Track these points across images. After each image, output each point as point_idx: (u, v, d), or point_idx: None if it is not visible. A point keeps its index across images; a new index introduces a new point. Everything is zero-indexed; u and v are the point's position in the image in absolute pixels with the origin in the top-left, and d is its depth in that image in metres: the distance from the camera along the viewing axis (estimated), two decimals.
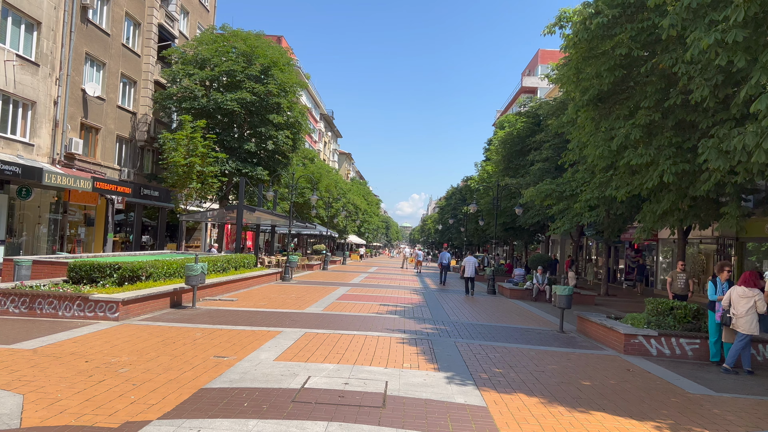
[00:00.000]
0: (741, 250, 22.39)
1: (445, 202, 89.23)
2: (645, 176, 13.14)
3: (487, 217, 39.06)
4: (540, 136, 28.95)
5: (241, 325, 11.57)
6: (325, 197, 43.89)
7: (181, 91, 27.58)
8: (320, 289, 21.15)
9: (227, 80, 28.10)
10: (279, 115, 28.40)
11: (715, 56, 9.10)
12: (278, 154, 29.72)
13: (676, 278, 15.66)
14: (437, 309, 17.08)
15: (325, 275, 30.59)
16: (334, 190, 47.44)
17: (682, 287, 15.49)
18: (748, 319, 9.85)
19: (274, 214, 26.17)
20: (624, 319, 12.44)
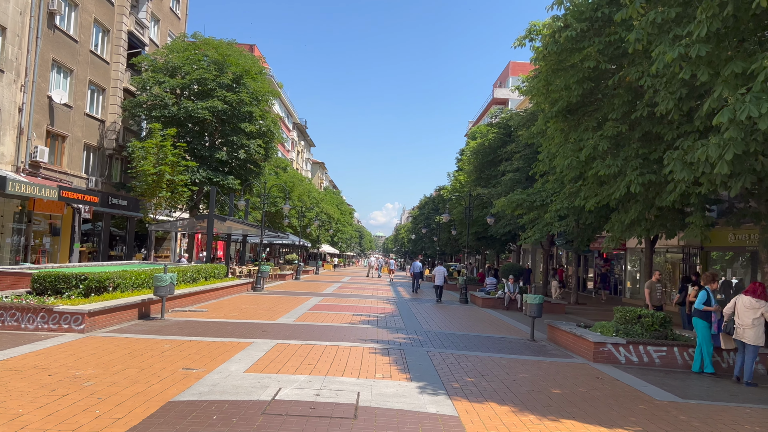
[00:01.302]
0: (706, 258, 22.94)
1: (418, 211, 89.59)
2: (613, 187, 13.39)
3: (459, 226, 39.34)
4: (511, 147, 29.33)
5: (211, 337, 11.39)
6: (298, 207, 43.67)
7: (151, 99, 27.23)
8: (292, 300, 20.99)
9: (198, 88, 27.84)
10: (251, 124, 28.22)
11: (680, 70, 9.35)
12: (250, 163, 29.51)
13: (654, 289, 15.88)
14: (410, 318, 17.08)
15: (298, 285, 30.37)
16: (307, 200, 47.23)
17: (659, 298, 15.77)
18: (756, 330, 9.77)
19: (246, 223, 25.94)
20: (593, 327, 12.61)
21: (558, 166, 15.40)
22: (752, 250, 19.66)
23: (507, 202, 21.95)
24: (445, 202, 46.27)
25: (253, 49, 54.75)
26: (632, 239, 19.40)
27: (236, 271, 28.21)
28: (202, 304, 17.38)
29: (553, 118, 14.94)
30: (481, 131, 38.34)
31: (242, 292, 22.80)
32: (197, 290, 17.46)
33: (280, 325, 13.84)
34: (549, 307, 21.26)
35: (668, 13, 9.45)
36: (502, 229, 29.47)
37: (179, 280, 17.56)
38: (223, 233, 31.45)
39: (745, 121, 7.83)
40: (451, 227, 43.21)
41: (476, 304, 23.54)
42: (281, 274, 34.65)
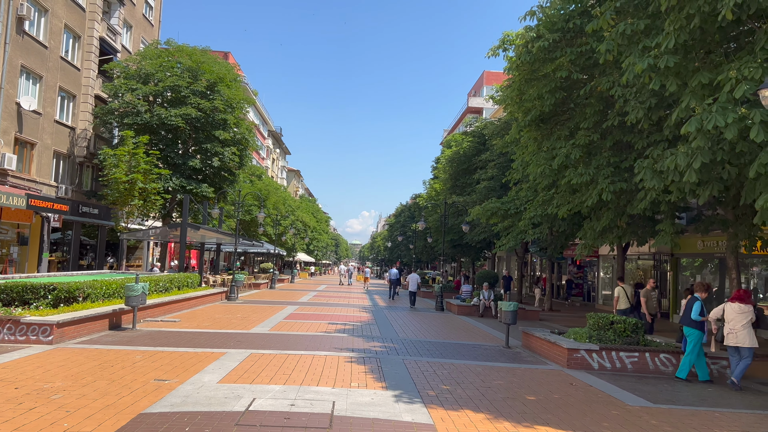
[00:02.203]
0: (676, 265, 23.39)
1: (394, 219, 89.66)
2: (585, 194, 13.58)
3: (435, 234, 39.49)
4: (485, 156, 29.60)
5: (183, 347, 11.23)
6: (273, 215, 43.40)
7: (123, 106, 26.87)
8: (267, 309, 20.84)
9: (172, 96, 27.56)
10: (225, 132, 28.02)
11: (649, 80, 9.55)
12: (224, 171, 29.27)
13: (650, 297, 16.05)
14: (386, 327, 17.06)
15: (273, 294, 30.15)
16: (282, 208, 46.98)
17: (655, 306, 15.96)
18: (747, 333, 10.04)
19: (220, 232, 25.70)
20: (567, 333, 12.74)
21: (531, 175, 15.59)
22: (720, 256, 20.11)
23: (482, 210, 22.14)
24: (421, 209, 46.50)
25: (228, 57, 54.44)
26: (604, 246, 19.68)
27: (210, 281, 27.89)
28: (175, 314, 17.16)
29: (526, 127, 15.13)
30: (456, 140, 38.63)
31: (216, 302, 22.57)
32: (170, 300, 17.24)
33: (255, 334, 13.72)
34: (523, 314, 21.43)
35: (637, 24, 9.66)
36: (477, 236, 29.68)
37: (151, 290, 17.31)
38: (196, 242, 31.07)
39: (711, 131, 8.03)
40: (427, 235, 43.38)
41: (452, 312, 23.62)
42: (256, 283, 34.35)
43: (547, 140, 14.57)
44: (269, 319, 17.16)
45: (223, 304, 21.87)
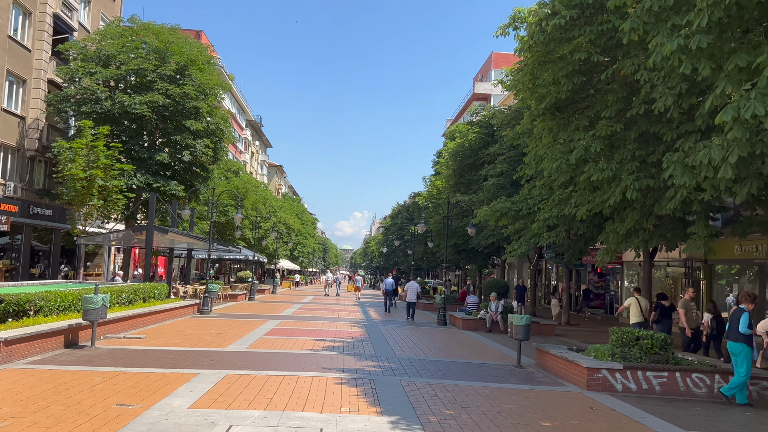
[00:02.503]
0: (710, 272, 23.47)
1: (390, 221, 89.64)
2: (607, 193, 13.62)
3: (437, 238, 39.50)
4: (494, 149, 29.65)
5: (150, 367, 11.21)
6: (252, 216, 43.32)
7: (80, 92, 26.79)
8: (245, 323, 20.81)
9: (136, 80, 27.50)
10: (197, 121, 27.99)
11: (679, 63, 9.57)
12: (196, 166, 29.23)
13: (689, 309, 15.99)
14: (381, 343, 17.06)
15: (252, 307, 30.07)
16: (262, 208, 46.91)
17: (695, 318, 15.85)
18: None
19: (191, 236, 25.65)
20: (587, 351, 12.76)
21: (546, 170, 15.61)
22: (760, 263, 20.18)
23: (490, 210, 22.16)
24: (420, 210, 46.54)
25: (200, 36, 54.38)
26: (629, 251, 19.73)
27: (180, 291, 27.83)
28: (140, 330, 17.11)
29: (540, 116, 15.16)
30: (460, 130, 38.66)
31: (187, 316, 22.54)
32: (134, 314, 17.21)
33: (231, 353, 13.68)
34: (537, 328, 21.48)
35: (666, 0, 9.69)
36: (484, 240, 29.71)
37: (113, 302, 17.27)
38: (164, 247, 30.95)
39: (750, 120, 8.04)
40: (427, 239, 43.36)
41: (456, 326, 23.65)
42: (232, 294, 34.28)
43: (564, 131, 14.60)
44: (248, 335, 17.13)
45: (195, 318, 21.81)
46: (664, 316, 17.23)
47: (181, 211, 26.29)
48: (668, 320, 17.28)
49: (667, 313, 17.36)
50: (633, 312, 16.92)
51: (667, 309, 17.38)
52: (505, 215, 21.90)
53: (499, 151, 29.14)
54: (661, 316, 17.21)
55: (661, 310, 17.33)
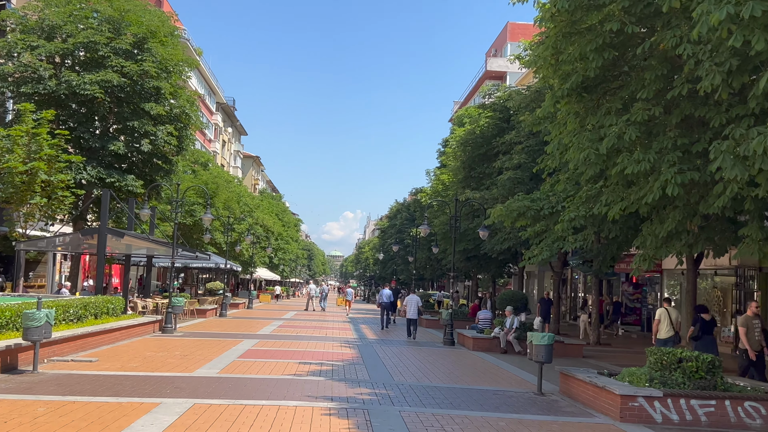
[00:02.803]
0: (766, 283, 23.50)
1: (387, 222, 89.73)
2: (644, 188, 13.62)
3: (442, 242, 39.52)
4: (510, 136, 29.67)
5: (103, 396, 11.19)
6: (224, 217, 43.27)
7: (19, 69, 26.70)
8: (216, 344, 20.82)
9: (86, 56, 27.42)
10: (158, 104, 27.91)
11: (728, 35, 9.58)
12: (157, 158, 29.16)
13: (752, 327, 15.90)
14: (377, 366, 17.08)
15: (224, 324, 30.04)
16: (236, 207, 46.86)
17: (758, 338, 15.74)
18: None
19: (152, 240, 25.61)
20: (620, 375, 12.78)
21: (572, 162, 15.62)
22: None
23: (505, 209, 22.13)
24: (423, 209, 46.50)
25: (162, 3, 54.36)
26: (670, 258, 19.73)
27: (138, 306, 27.78)
28: (92, 351, 17.08)
29: (564, 97, 15.15)
30: (470, 115, 38.69)
31: (147, 334, 22.53)
32: (84, 332, 17.16)
33: (200, 378, 13.67)
34: (562, 349, 21.49)
35: None
36: (499, 245, 29.71)
37: (59, 319, 17.20)
38: (119, 254, 30.86)
39: None
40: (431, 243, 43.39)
41: (465, 346, 23.67)
42: (201, 309, 34.22)
43: (593, 115, 14.61)
44: (219, 358, 17.13)
45: (156, 338, 21.80)
46: (704, 332, 17.25)
47: (139, 211, 26.23)
48: (709, 336, 17.31)
49: (708, 328, 17.38)
50: (663, 325, 17.00)
51: (707, 324, 17.41)
52: (523, 215, 21.89)
53: (516, 140, 29.15)
54: (701, 332, 17.24)
55: (702, 325, 17.34)
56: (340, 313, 47.23)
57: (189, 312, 32.81)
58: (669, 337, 17.32)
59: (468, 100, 72.74)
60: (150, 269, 32.56)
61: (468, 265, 40.43)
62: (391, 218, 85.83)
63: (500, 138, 31.23)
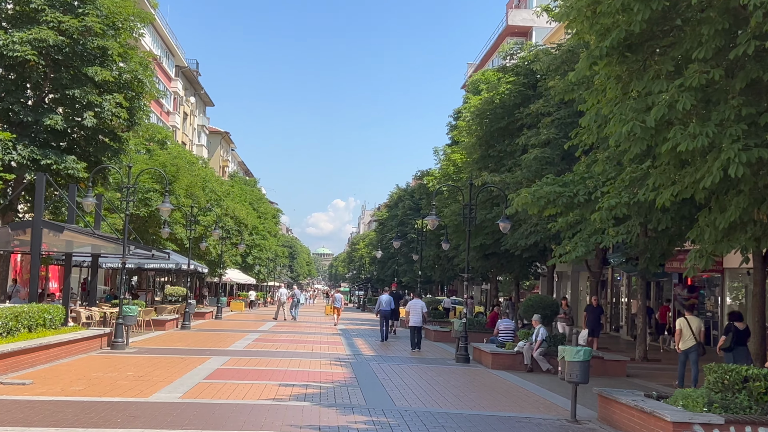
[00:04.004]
0: None
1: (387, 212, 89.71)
2: (701, 169, 13.60)
3: (454, 236, 39.45)
4: (537, 106, 29.59)
5: (39, 427, 11.18)
6: (186, 206, 43.23)
7: None
8: (178, 362, 20.84)
9: (14, 9, 27.31)
10: (105, 68, 27.79)
11: None
12: (104, 134, 29.07)
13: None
14: (375, 389, 17.10)
15: (187, 338, 30.04)
16: (200, 195, 46.76)
17: None
18: None
19: (97, 235, 25.58)
20: (672, 398, 12.78)
21: (612, 137, 15.59)
22: None
23: (531, 196, 22.11)
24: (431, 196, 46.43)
25: None
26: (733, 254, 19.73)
27: (82, 317, 27.77)
28: (25, 372, 17.04)
29: (603, 58, 15.12)
30: (488, 80, 38.60)
31: (93, 351, 22.53)
32: (15, 349, 17.09)
33: (158, 405, 13.67)
34: (601, 366, 21.50)
35: None
36: (523, 240, 29.69)
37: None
38: (59, 252, 30.79)
39: None
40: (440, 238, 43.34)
41: (482, 364, 23.70)
42: (159, 320, 34.17)
43: (639, 80, 14.58)
44: (182, 379, 17.13)
45: (104, 355, 21.80)
46: (737, 343, 17.42)
47: (82, 200, 26.18)
48: (743, 348, 17.50)
49: (742, 338, 17.57)
50: (683, 335, 17.21)
51: (741, 333, 17.59)
52: (553, 202, 21.86)
53: (544, 110, 29.09)
54: (733, 342, 17.40)
55: (735, 335, 17.48)
56: (328, 324, 47.24)
57: (144, 323, 32.75)
58: (689, 347, 18.31)
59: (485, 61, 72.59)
60: (96, 271, 32.49)
61: (485, 265, 40.41)
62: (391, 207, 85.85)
63: (525, 108, 31.16)
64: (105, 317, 29.29)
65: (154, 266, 43.30)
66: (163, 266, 42.29)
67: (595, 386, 15.41)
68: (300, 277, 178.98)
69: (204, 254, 51.06)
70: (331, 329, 41.15)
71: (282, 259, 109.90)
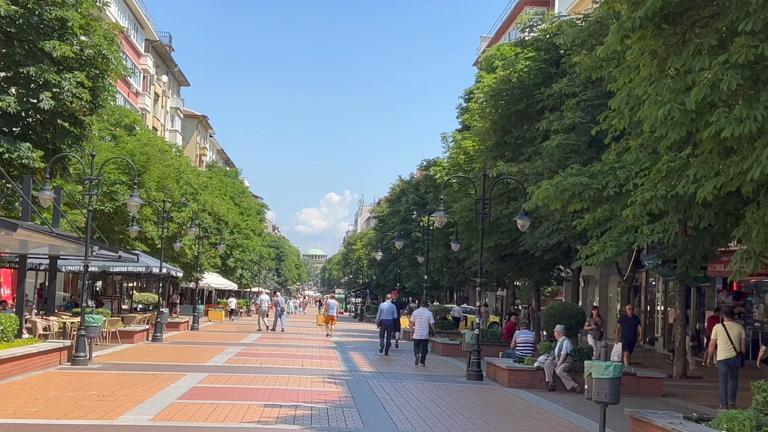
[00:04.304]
0: None
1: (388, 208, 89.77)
2: (748, 158, 13.61)
3: (465, 236, 39.42)
4: (560, 86, 29.55)
5: None
6: (158, 201, 43.26)
7: None
8: (149, 379, 20.84)
9: None
10: (64, 43, 27.80)
11: None
12: (63, 118, 29.05)
13: None
14: (374, 410, 17.12)
15: (159, 351, 30.06)
16: (174, 187, 46.78)
17: None
18: None
19: (57, 234, 25.60)
20: (715, 420, 12.78)
21: (647, 121, 15.59)
22: None
23: (554, 188, 22.09)
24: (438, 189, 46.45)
25: None
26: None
27: (38, 328, 27.81)
28: None
29: (637, 30, 15.12)
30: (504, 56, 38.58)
31: (51, 367, 22.52)
32: None
33: (125, 428, 13.71)
34: (633, 384, 21.50)
35: None
36: (544, 239, 29.66)
37: None
38: (12, 253, 30.82)
39: None
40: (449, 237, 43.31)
41: (498, 381, 23.72)
42: (127, 332, 34.17)
43: (677, 56, 14.57)
44: (153, 399, 17.13)
45: (64, 371, 21.84)
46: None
47: (38, 194, 26.20)
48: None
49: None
50: (720, 344, 17.26)
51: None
52: (578, 196, 21.84)
53: (568, 90, 29.05)
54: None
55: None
56: (321, 335, 47.20)
57: (110, 335, 32.78)
58: (727, 358, 18.32)
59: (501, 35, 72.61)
60: (54, 275, 32.54)
61: (501, 268, 40.38)
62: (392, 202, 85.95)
63: (546, 88, 31.13)
64: (65, 328, 29.31)
65: (121, 270, 43.25)
66: (131, 270, 42.29)
67: (627, 407, 15.43)
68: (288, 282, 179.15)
69: (178, 256, 51.01)
70: (324, 341, 41.15)
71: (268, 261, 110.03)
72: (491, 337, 32.98)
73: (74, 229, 32.84)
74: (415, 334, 28.41)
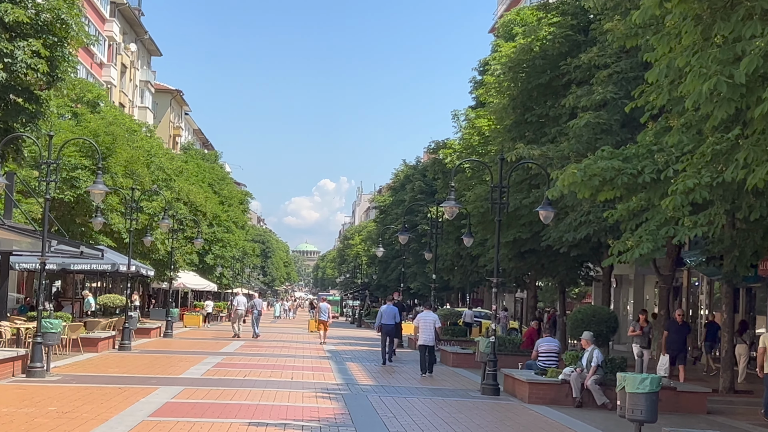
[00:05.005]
0: None
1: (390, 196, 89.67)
2: None
3: (480, 229, 39.40)
4: (589, 56, 29.52)
5: None
6: (126, 188, 43.30)
7: None
8: (116, 394, 20.89)
9: None
10: (17, 6, 27.83)
11: None
12: (16, 93, 29.08)
13: None
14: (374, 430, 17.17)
15: (127, 362, 30.10)
16: (144, 173, 46.80)
17: None
18: None
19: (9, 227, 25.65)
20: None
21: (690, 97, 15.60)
22: None
23: (582, 174, 22.10)
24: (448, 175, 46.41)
25: None
26: None
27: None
28: None
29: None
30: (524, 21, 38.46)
31: (3, 379, 22.56)
32: None
33: None
34: (673, 400, 21.51)
35: None
36: (570, 233, 29.65)
37: None
38: None
39: None
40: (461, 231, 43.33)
41: (517, 397, 23.73)
42: (90, 339, 34.14)
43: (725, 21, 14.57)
44: (120, 416, 17.13)
45: (17, 385, 21.90)
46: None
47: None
48: None
49: None
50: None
51: None
52: (610, 183, 21.84)
53: (598, 61, 29.02)
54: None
55: None
56: (314, 343, 47.26)
57: (70, 342, 32.78)
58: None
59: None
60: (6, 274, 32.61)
61: (521, 266, 40.39)
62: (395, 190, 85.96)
63: (573, 59, 31.10)
64: (18, 334, 29.35)
65: (83, 267, 43.24)
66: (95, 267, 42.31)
67: (666, 426, 15.46)
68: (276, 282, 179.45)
69: (149, 252, 51.05)
70: (317, 350, 41.16)
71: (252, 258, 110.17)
72: (509, 346, 32.92)
73: (29, 220, 32.88)
74: (420, 339, 28.48)
